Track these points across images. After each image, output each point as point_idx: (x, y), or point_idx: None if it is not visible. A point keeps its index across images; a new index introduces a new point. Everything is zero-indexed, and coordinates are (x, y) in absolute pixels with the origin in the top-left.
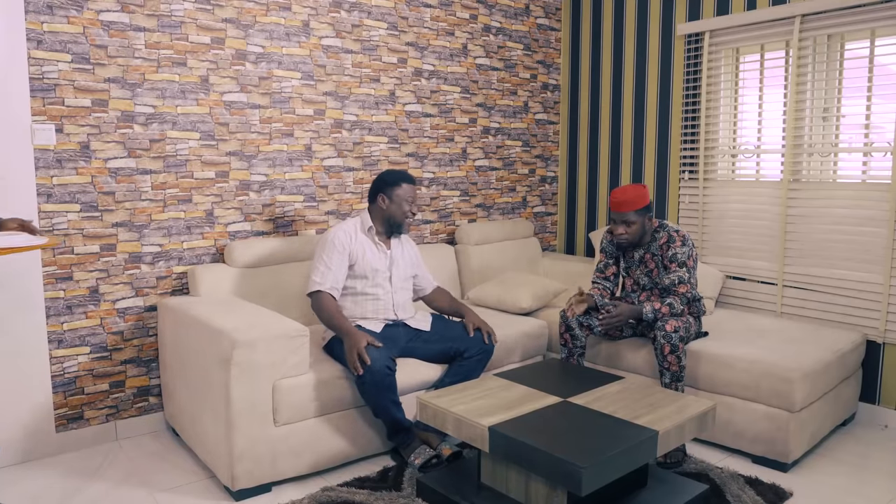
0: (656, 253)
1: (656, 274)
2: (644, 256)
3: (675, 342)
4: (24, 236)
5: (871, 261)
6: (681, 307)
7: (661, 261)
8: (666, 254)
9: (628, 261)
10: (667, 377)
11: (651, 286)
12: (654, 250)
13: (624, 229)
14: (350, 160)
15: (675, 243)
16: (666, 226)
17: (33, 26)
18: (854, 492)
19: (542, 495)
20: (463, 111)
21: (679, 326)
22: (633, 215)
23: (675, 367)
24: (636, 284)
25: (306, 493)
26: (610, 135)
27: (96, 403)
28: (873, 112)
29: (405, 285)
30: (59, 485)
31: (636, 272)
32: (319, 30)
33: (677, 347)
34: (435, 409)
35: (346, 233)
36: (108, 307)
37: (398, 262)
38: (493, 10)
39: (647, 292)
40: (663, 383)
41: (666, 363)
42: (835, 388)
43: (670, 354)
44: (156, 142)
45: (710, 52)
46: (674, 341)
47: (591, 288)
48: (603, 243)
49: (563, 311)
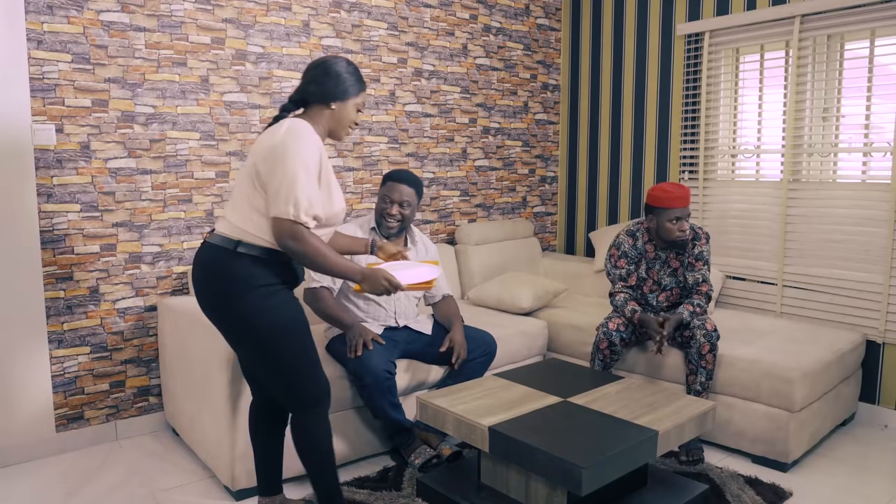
0: (681, 251)
1: (680, 273)
2: (668, 256)
3: (714, 341)
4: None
5: (871, 261)
6: (706, 305)
7: (686, 259)
8: (692, 252)
9: (650, 262)
10: (702, 376)
11: (673, 286)
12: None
13: (687, 224)
14: (350, 160)
15: (701, 241)
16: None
17: (33, 26)
18: (854, 492)
19: (542, 495)
20: (463, 111)
21: (716, 325)
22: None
23: (711, 366)
24: (657, 285)
25: (306, 492)
26: (610, 135)
27: (96, 403)
28: (873, 112)
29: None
30: (59, 485)
31: (658, 273)
32: (319, 30)
33: (716, 346)
34: (435, 409)
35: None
36: (108, 307)
37: None
38: (493, 10)
39: (666, 293)
40: (697, 383)
41: (704, 362)
42: (835, 388)
43: (709, 353)
44: (156, 142)
45: (710, 52)
46: (713, 340)
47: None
48: (624, 247)
49: (605, 326)
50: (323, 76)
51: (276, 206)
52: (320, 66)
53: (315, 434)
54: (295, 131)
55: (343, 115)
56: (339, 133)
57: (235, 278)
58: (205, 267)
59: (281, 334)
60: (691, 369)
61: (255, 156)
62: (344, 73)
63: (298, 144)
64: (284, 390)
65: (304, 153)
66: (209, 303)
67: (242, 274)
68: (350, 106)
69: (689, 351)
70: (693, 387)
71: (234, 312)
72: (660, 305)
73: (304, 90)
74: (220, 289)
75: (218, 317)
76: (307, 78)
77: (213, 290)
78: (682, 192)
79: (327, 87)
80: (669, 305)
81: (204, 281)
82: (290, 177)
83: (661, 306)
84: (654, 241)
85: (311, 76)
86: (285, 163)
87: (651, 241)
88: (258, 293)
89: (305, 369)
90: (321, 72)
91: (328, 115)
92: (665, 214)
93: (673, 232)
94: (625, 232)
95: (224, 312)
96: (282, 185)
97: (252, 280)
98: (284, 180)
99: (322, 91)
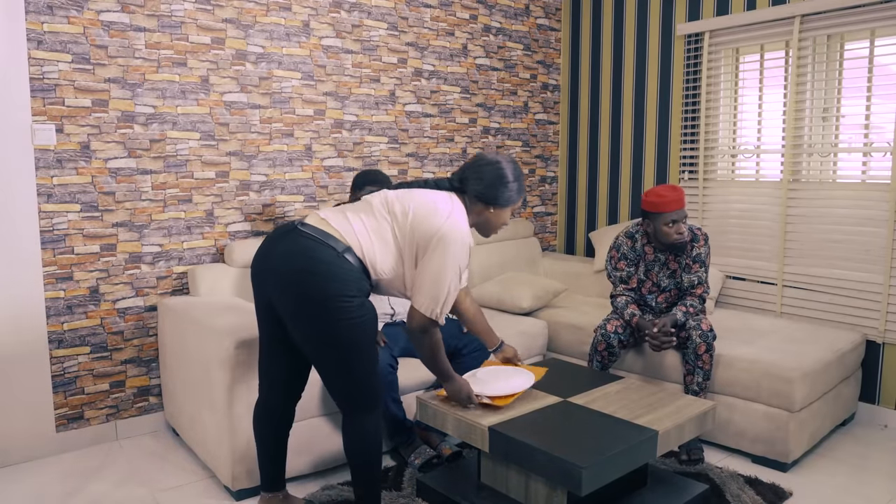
0: (679, 253)
1: (679, 274)
2: (667, 258)
3: (710, 341)
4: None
5: (870, 261)
6: (700, 306)
7: (683, 260)
8: (690, 253)
9: (649, 263)
10: (699, 376)
11: (671, 287)
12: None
13: (685, 227)
14: (350, 160)
15: (699, 242)
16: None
17: (33, 26)
18: (854, 492)
19: (542, 495)
20: (463, 111)
21: (711, 325)
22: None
23: (708, 366)
24: (656, 286)
25: (306, 492)
26: (610, 135)
27: (96, 403)
28: (873, 112)
29: None
30: (59, 485)
31: (657, 275)
32: (319, 30)
33: (712, 346)
34: (435, 409)
35: None
36: (108, 307)
37: None
38: (493, 10)
39: (665, 294)
40: (695, 383)
41: (700, 362)
42: (834, 388)
43: (706, 353)
44: (156, 142)
45: (710, 52)
46: (709, 340)
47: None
48: (623, 249)
49: (602, 328)
50: (494, 180)
51: (420, 297)
52: (494, 169)
53: (371, 434)
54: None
55: (498, 220)
56: (487, 233)
57: (347, 280)
58: (316, 260)
59: (364, 337)
60: (688, 370)
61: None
62: (512, 182)
63: (458, 249)
64: (351, 389)
65: (461, 257)
66: (309, 296)
67: (352, 277)
68: (507, 212)
69: (685, 351)
70: (690, 387)
71: (333, 310)
72: (659, 307)
73: (467, 182)
74: (332, 286)
75: (314, 312)
76: (476, 174)
77: (320, 286)
78: (676, 195)
79: (495, 192)
80: (668, 307)
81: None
82: (444, 278)
83: (660, 307)
84: (652, 243)
85: (481, 175)
86: (444, 262)
87: (650, 242)
88: (358, 298)
89: (372, 372)
90: (494, 176)
91: (483, 213)
92: (661, 219)
93: (671, 235)
94: (624, 234)
95: (323, 309)
96: (435, 282)
97: (356, 284)
98: (439, 279)
99: (488, 195)
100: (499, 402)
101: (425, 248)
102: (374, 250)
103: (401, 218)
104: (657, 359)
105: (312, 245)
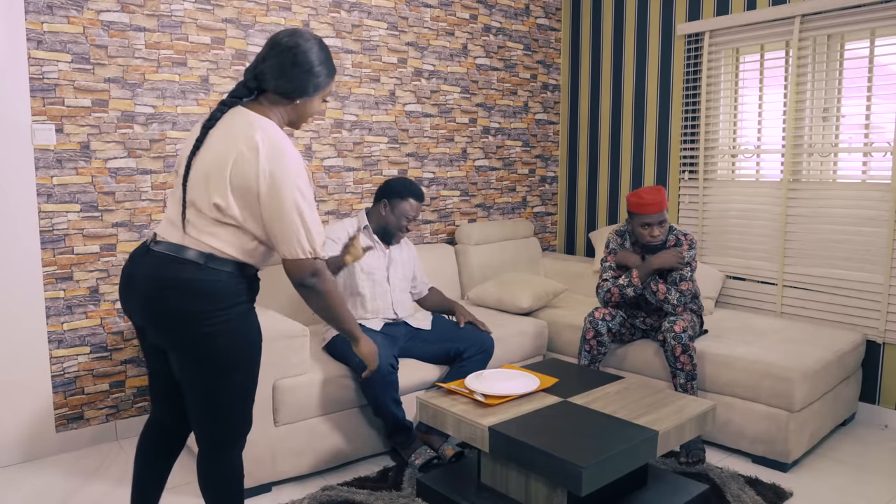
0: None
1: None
2: None
3: (685, 342)
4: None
5: (871, 261)
6: (676, 301)
7: None
8: None
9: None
10: (681, 378)
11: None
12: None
13: (659, 230)
14: (350, 160)
15: (683, 247)
16: (673, 228)
17: (33, 26)
18: (854, 492)
19: (542, 495)
20: (463, 111)
21: (686, 326)
22: (665, 214)
23: (689, 367)
24: None
25: (306, 492)
26: (610, 135)
27: (96, 403)
28: (873, 112)
29: (403, 285)
30: (59, 485)
31: None
32: (319, 30)
33: (688, 347)
34: (435, 409)
35: (343, 228)
36: (108, 307)
37: (396, 262)
38: (493, 10)
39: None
40: (678, 385)
41: (679, 364)
42: (835, 388)
43: (683, 355)
44: (156, 142)
45: (710, 52)
46: (684, 341)
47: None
48: (612, 245)
49: (591, 315)
50: (291, 68)
51: (287, 246)
52: (288, 53)
53: (228, 473)
54: (277, 149)
55: (307, 110)
56: (298, 126)
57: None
58: (166, 283)
59: (243, 358)
60: (671, 371)
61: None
62: (317, 65)
63: (287, 169)
64: (208, 422)
65: (295, 176)
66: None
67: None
68: (317, 99)
69: (665, 354)
70: (677, 388)
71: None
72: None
73: (265, 78)
74: (191, 308)
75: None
76: (270, 64)
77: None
78: (653, 199)
79: (295, 82)
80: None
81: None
82: (295, 213)
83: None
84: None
85: (276, 64)
86: (283, 197)
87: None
88: (234, 311)
89: (242, 405)
90: (289, 62)
91: (290, 108)
92: (637, 220)
93: (644, 237)
94: (614, 231)
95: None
96: (290, 225)
97: (229, 298)
98: (291, 219)
99: (289, 87)
100: (491, 401)
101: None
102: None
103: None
104: (658, 359)
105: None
